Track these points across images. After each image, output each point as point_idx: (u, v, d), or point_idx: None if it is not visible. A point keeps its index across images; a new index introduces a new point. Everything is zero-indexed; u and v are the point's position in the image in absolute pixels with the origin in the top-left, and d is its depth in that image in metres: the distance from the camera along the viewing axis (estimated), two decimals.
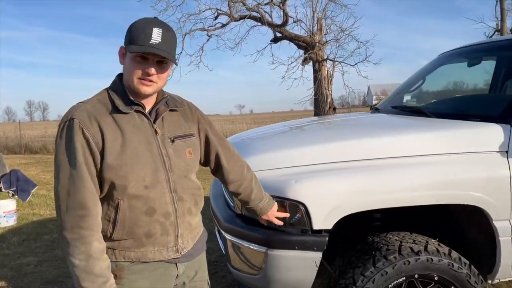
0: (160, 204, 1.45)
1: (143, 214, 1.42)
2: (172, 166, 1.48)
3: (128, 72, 1.41)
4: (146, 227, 1.43)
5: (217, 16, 12.54)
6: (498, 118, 2.19)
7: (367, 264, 1.99)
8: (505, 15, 14.40)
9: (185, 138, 1.56)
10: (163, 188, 1.45)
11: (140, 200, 1.41)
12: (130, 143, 1.40)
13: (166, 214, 1.46)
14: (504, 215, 2.04)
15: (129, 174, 1.38)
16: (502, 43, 3.11)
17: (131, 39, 1.37)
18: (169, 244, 1.50)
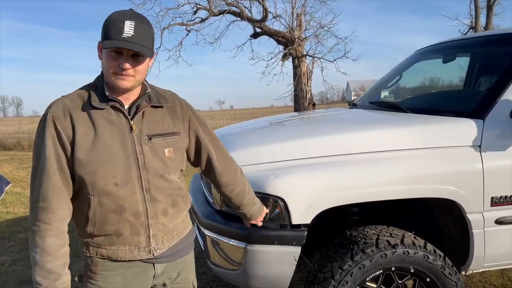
0: (130, 203, 1.41)
1: (112, 212, 1.40)
2: (146, 165, 1.43)
3: (105, 68, 1.39)
4: (115, 226, 1.41)
5: (196, 11, 12.43)
6: (471, 114, 2.25)
7: (345, 257, 2.02)
8: (479, 13, 14.77)
9: (165, 136, 1.50)
10: (134, 187, 1.41)
11: (109, 197, 1.39)
12: (101, 139, 1.37)
13: (136, 213, 1.42)
14: (477, 208, 2.09)
15: (97, 171, 1.36)
16: (475, 40, 3.18)
17: (105, 34, 1.34)
18: (141, 245, 1.46)
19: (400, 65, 3.66)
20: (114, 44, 1.32)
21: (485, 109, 2.21)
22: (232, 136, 2.73)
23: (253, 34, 12.69)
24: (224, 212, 2.21)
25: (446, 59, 3.20)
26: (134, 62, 1.37)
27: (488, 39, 2.95)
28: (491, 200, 2.10)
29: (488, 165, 2.08)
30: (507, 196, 2.11)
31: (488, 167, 2.08)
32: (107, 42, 1.32)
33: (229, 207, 2.16)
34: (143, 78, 1.46)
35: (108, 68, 1.37)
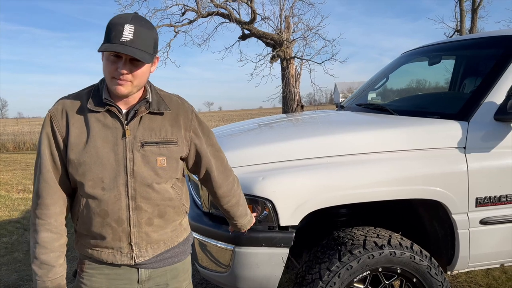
0: (113, 209, 1.39)
1: (96, 215, 1.40)
2: (134, 172, 1.39)
3: (104, 71, 1.36)
4: (99, 229, 1.42)
5: (184, 12, 12.40)
6: (456, 115, 2.28)
7: (332, 259, 2.03)
8: (464, 16, 14.99)
9: (160, 145, 1.43)
10: (119, 193, 1.38)
11: (95, 201, 1.39)
12: (93, 142, 1.36)
13: (119, 220, 1.40)
14: (462, 208, 2.12)
15: (86, 173, 1.36)
16: (460, 43, 3.23)
17: (105, 37, 1.32)
18: (123, 250, 1.44)
19: (387, 68, 3.70)
20: (110, 47, 1.28)
21: (469, 111, 2.24)
22: (220, 138, 2.72)
23: (241, 36, 12.70)
24: (212, 214, 2.21)
25: (431, 62, 3.24)
26: (132, 67, 1.33)
27: (472, 42, 3.00)
28: (476, 201, 2.13)
29: (472, 166, 2.12)
30: (491, 196, 2.15)
31: (472, 168, 2.11)
32: (104, 45, 1.30)
33: (216, 209, 2.16)
34: (143, 83, 1.41)
35: (107, 72, 1.34)
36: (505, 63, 2.30)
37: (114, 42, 1.29)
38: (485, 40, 2.81)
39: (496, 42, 2.62)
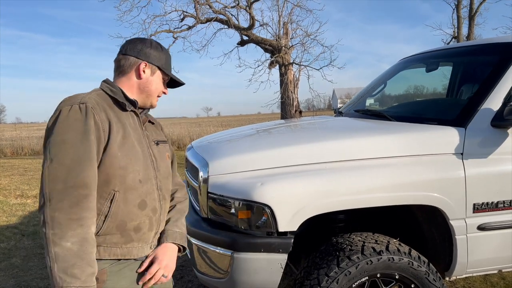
0: (150, 199, 1.52)
1: (136, 207, 1.46)
2: (158, 166, 1.58)
3: (155, 88, 1.60)
4: (137, 221, 1.47)
5: (183, 18, 12.44)
6: (453, 122, 2.29)
7: (331, 264, 2.03)
8: (461, 23, 15.09)
9: (164, 144, 1.69)
10: (152, 185, 1.53)
11: (134, 192, 1.45)
12: (129, 137, 1.47)
13: (154, 209, 1.54)
14: (460, 214, 2.13)
15: (129, 165, 1.44)
16: (457, 49, 3.26)
17: (164, 63, 1.60)
18: (149, 240, 1.55)
19: (384, 74, 3.72)
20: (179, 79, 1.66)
21: (466, 117, 2.26)
22: (219, 144, 2.74)
23: (240, 42, 12.74)
24: (211, 220, 2.21)
25: (429, 68, 3.26)
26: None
27: (469, 49, 3.02)
28: (473, 207, 2.14)
29: (470, 172, 2.13)
30: (488, 202, 2.16)
31: (470, 174, 2.12)
32: (171, 74, 1.64)
33: (215, 215, 2.16)
34: None
35: (157, 90, 1.61)
36: (502, 70, 2.32)
37: (170, 70, 1.64)
38: (482, 47, 2.83)
39: (493, 49, 2.64)
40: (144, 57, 1.56)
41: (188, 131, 17.20)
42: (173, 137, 15.72)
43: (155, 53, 1.58)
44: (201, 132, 16.50)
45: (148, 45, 1.58)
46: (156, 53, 1.58)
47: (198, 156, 2.47)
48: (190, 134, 16.04)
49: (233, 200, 2.07)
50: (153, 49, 1.58)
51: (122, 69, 1.56)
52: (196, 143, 3.00)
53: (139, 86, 1.57)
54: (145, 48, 1.57)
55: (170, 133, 16.56)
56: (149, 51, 1.57)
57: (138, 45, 1.58)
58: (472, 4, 14.77)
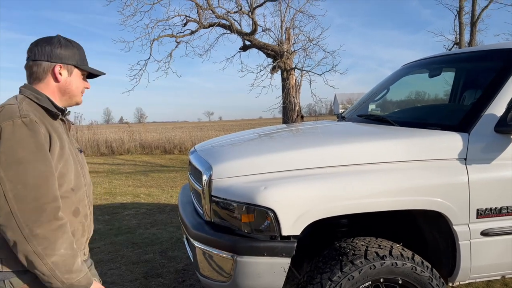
0: (82, 206, 1.55)
1: (70, 214, 1.48)
2: (84, 173, 1.62)
3: (76, 87, 1.58)
4: (72, 228, 1.47)
5: (186, 23, 12.47)
6: (457, 127, 2.30)
7: (334, 269, 2.03)
8: (463, 29, 15.10)
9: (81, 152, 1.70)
10: (83, 192, 1.56)
11: (69, 201, 1.47)
12: (65, 147, 1.48)
13: (86, 215, 1.58)
14: (463, 219, 2.13)
15: (65, 176, 1.45)
16: (460, 55, 3.27)
17: (78, 59, 1.57)
18: (81, 246, 1.57)
19: (387, 79, 3.72)
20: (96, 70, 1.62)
21: (470, 123, 2.26)
22: (223, 148, 2.74)
23: (242, 46, 12.77)
24: (214, 224, 2.21)
25: (432, 74, 3.27)
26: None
27: (472, 55, 3.03)
28: (477, 212, 2.14)
29: (473, 177, 2.13)
30: (492, 208, 2.15)
31: (473, 179, 2.12)
32: (89, 68, 1.60)
33: (219, 218, 2.16)
34: None
35: (78, 88, 1.60)
36: (505, 76, 2.32)
37: (87, 64, 1.62)
38: (485, 53, 2.84)
39: (496, 55, 2.65)
40: (57, 59, 1.51)
41: (190, 135, 17.20)
42: (175, 141, 15.73)
43: (67, 51, 1.53)
44: (202, 136, 16.51)
45: (57, 45, 1.51)
46: (67, 52, 1.53)
47: (202, 160, 2.48)
48: (192, 138, 16.05)
49: (236, 204, 2.07)
50: (64, 48, 1.53)
51: (36, 76, 1.50)
52: (199, 146, 3.00)
53: (60, 89, 1.54)
54: (55, 49, 1.50)
55: (172, 137, 16.58)
56: (60, 51, 1.51)
57: (46, 47, 1.50)
58: (474, 11, 14.79)
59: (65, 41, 1.55)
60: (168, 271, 3.73)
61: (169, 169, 11.15)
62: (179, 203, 2.91)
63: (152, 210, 6.20)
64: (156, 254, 4.17)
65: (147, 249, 4.34)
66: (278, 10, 12.42)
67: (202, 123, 77.80)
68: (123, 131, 18.21)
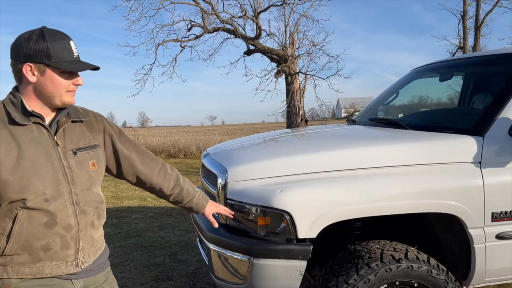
0: (62, 217, 1.40)
1: (42, 226, 1.37)
2: (74, 179, 1.45)
3: (53, 87, 1.40)
4: (45, 240, 1.38)
5: (190, 28, 12.56)
6: (471, 131, 2.30)
7: (350, 272, 2.03)
8: (467, 34, 15.13)
9: (88, 150, 1.53)
10: (64, 201, 1.41)
11: (40, 212, 1.36)
12: (27, 155, 1.35)
13: (68, 227, 1.42)
14: (478, 223, 2.13)
15: (26, 188, 1.34)
16: (470, 59, 3.28)
17: (53, 55, 1.36)
18: (69, 258, 1.45)
19: (397, 83, 3.74)
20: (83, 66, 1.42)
21: (484, 126, 2.27)
22: (237, 151, 2.75)
23: (246, 51, 12.84)
24: (229, 226, 2.22)
25: (443, 78, 3.28)
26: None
27: (483, 59, 3.04)
28: (492, 215, 2.15)
29: (488, 181, 2.13)
30: (507, 211, 2.16)
31: (488, 183, 2.13)
32: (67, 65, 1.38)
33: (235, 221, 2.17)
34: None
35: (61, 88, 1.41)
36: None
37: (72, 59, 1.40)
38: (497, 57, 2.85)
39: (508, 59, 2.66)
40: (25, 58, 1.35)
41: (195, 139, 17.24)
42: (179, 145, 15.76)
43: (37, 47, 1.35)
44: (207, 140, 16.54)
45: (27, 41, 1.36)
46: (38, 47, 1.35)
47: (216, 163, 2.49)
48: (196, 142, 16.09)
49: (252, 207, 2.08)
50: (33, 44, 1.35)
51: (16, 77, 1.42)
52: (212, 150, 3.02)
53: (34, 91, 1.40)
54: (24, 47, 1.35)
55: (176, 141, 16.61)
56: (29, 48, 1.35)
57: (16, 45, 1.37)
58: (478, 15, 14.83)
59: (39, 35, 1.37)
60: (178, 274, 3.73)
61: None
62: None
63: (160, 213, 6.21)
64: (165, 258, 4.18)
65: (156, 252, 4.35)
66: (282, 15, 12.53)
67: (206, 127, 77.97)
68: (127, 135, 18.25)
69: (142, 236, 4.94)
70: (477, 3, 14.65)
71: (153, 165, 1.77)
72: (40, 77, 1.38)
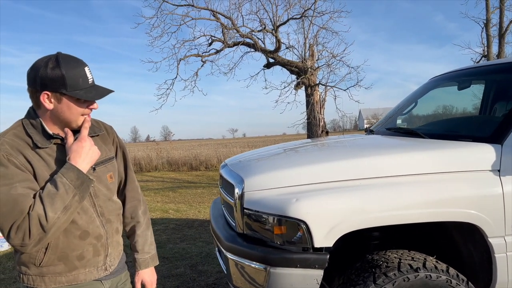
0: (93, 228, 1.54)
1: (76, 238, 1.50)
2: (96, 192, 1.56)
3: (70, 113, 1.46)
4: (80, 250, 1.51)
5: (211, 43, 12.77)
6: (489, 139, 2.28)
7: (367, 281, 2.03)
8: (491, 41, 14.83)
9: (105, 163, 1.64)
10: (92, 213, 1.54)
11: (74, 225, 1.47)
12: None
13: (99, 236, 1.57)
14: (499, 232, 2.10)
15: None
16: (490, 67, 3.24)
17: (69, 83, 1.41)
18: (99, 264, 1.59)
19: (415, 93, 3.72)
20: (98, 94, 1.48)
21: (503, 134, 2.24)
22: (254, 161, 2.79)
23: (266, 64, 12.94)
24: (246, 235, 2.25)
25: (461, 86, 3.25)
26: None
27: (503, 67, 3.00)
28: None
29: (508, 189, 2.10)
30: None
31: (508, 191, 2.10)
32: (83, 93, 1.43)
33: (251, 230, 2.20)
34: None
35: (78, 113, 1.47)
36: None
37: (87, 86, 1.46)
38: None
39: None
40: (42, 87, 1.40)
41: (216, 152, 17.40)
42: (201, 158, 15.95)
43: (53, 75, 1.39)
44: (228, 152, 16.66)
45: (43, 69, 1.39)
46: (54, 76, 1.39)
47: (233, 173, 2.54)
48: (217, 155, 16.23)
49: (268, 216, 2.11)
50: (50, 72, 1.39)
51: (34, 103, 1.48)
52: (229, 161, 3.07)
53: (52, 116, 1.47)
54: (41, 74, 1.39)
55: (198, 154, 16.81)
56: (45, 77, 1.39)
57: (32, 73, 1.41)
58: (501, 23, 14.54)
59: (55, 62, 1.40)
60: (199, 285, 3.77)
61: (196, 185, 11.29)
62: (211, 216, 2.97)
63: (181, 225, 6.29)
64: (186, 268, 4.23)
65: (177, 263, 4.41)
66: (302, 27, 12.59)
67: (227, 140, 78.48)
68: (150, 148, 18.61)
69: (163, 247, 5.01)
70: (500, 10, 14.38)
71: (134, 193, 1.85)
72: (57, 104, 1.44)
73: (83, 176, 1.44)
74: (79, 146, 1.47)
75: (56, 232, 1.38)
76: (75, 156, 1.45)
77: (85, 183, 1.44)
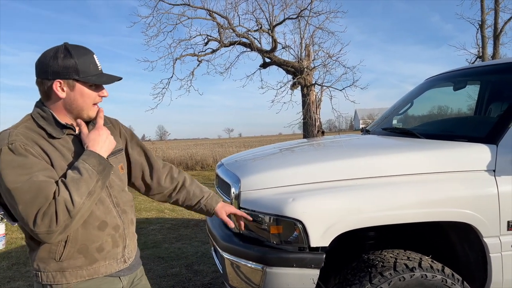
0: (110, 218, 1.54)
1: (95, 229, 1.48)
2: (111, 183, 1.56)
3: (82, 101, 1.47)
4: (99, 242, 1.50)
5: (207, 42, 12.77)
6: (484, 139, 2.29)
7: (363, 281, 2.03)
8: (485, 43, 14.92)
9: (116, 154, 1.64)
10: (108, 204, 1.54)
11: (91, 216, 1.46)
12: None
13: (116, 227, 1.56)
14: (494, 231, 2.11)
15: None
16: (486, 68, 3.26)
17: (81, 70, 1.43)
18: (118, 256, 1.58)
19: (411, 93, 3.74)
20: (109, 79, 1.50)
21: (498, 135, 2.25)
22: (250, 161, 2.79)
23: (262, 64, 12.95)
24: (243, 235, 2.25)
25: (457, 87, 3.27)
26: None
27: (498, 67, 3.02)
28: (508, 224, 2.12)
29: (503, 189, 2.11)
30: None
31: (503, 191, 2.11)
32: (95, 78, 1.46)
33: (247, 230, 2.20)
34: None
35: (87, 102, 1.49)
36: None
37: (98, 73, 1.48)
38: (509, 66, 2.83)
39: None
40: (54, 76, 1.41)
41: (212, 151, 17.39)
42: (197, 158, 15.93)
43: (65, 63, 1.41)
44: (224, 152, 16.64)
45: (54, 59, 1.41)
46: (65, 64, 1.41)
47: (229, 173, 2.53)
48: (213, 155, 16.22)
49: (265, 216, 2.11)
50: (61, 61, 1.41)
51: (42, 93, 1.47)
52: (226, 160, 3.06)
53: (65, 106, 1.47)
54: (52, 64, 1.41)
55: (194, 154, 16.79)
56: (57, 66, 1.40)
57: (43, 63, 1.42)
58: (496, 24, 14.63)
59: (64, 51, 1.43)
60: (194, 285, 3.77)
61: None
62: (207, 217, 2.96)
63: (177, 225, 6.28)
64: (182, 268, 4.22)
65: (173, 263, 4.40)
66: (298, 27, 12.61)
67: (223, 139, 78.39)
68: None
69: (159, 247, 5.00)
70: (495, 12, 14.47)
71: (161, 170, 1.86)
72: (70, 92, 1.45)
73: (105, 162, 1.45)
74: (96, 134, 1.49)
75: (80, 219, 1.37)
76: (94, 144, 1.46)
77: (107, 168, 1.45)
